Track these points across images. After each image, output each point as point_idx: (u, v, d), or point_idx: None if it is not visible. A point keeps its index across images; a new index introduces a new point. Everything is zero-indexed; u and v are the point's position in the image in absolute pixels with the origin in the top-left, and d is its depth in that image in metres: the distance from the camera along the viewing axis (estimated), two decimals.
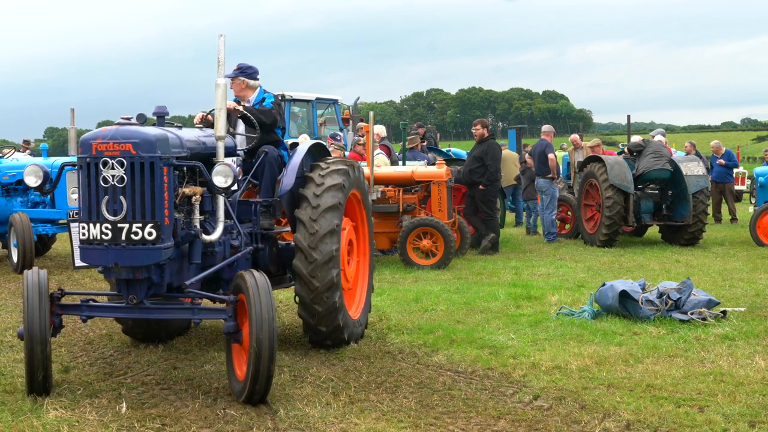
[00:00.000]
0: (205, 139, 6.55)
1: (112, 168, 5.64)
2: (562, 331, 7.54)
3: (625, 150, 16.18)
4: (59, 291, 6.06)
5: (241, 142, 7.38)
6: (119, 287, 5.99)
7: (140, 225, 5.61)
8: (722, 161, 19.99)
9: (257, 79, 7.56)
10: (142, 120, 6.08)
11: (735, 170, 21.84)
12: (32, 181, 6.34)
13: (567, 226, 16.87)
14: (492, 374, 6.18)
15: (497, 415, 5.24)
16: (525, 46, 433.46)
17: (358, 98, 22.74)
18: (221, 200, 6.23)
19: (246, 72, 7.47)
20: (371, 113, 12.81)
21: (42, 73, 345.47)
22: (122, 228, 5.61)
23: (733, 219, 20.20)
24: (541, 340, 7.24)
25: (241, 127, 7.41)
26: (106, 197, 5.64)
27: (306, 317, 6.88)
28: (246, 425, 5.10)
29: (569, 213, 16.75)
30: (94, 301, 6.21)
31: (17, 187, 12.90)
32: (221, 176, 5.88)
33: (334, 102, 18.83)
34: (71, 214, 11.94)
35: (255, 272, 5.67)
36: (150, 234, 5.61)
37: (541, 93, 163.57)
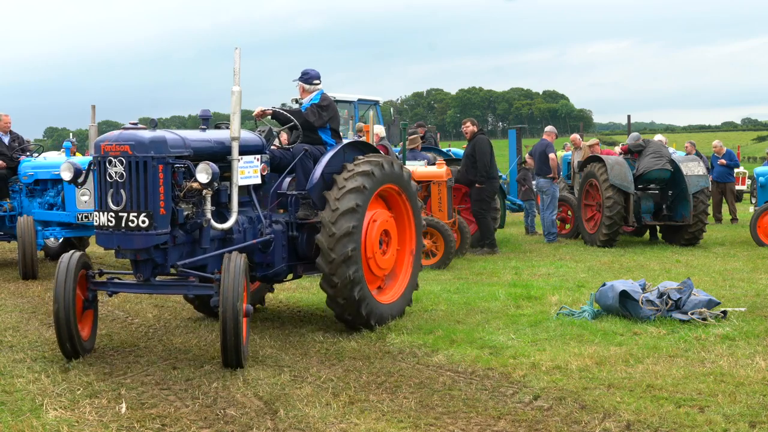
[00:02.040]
0: (223, 139, 7.27)
1: (115, 166, 6.59)
2: (562, 331, 7.53)
3: (622, 149, 16.16)
4: (98, 271, 7.14)
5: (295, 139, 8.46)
6: (132, 267, 6.93)
7: (136, 214, 6.54)
8: (723, 161, 19.99)
9: (314, 84, 8.49)
10: (153, 125, 6.88)
11: (735, 170, 21.86)
12: (67, 175, 7.30)
13: (567, 226, 16.86)
14: (492, 374, 6.17)
15: (497, 415, 5.23)
16: (525, 46, 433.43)
17: (398, 99, 22.91)
18: (234, 193, 7.05)
19: (303, 77, 8.51)
20: (371, 113, 12.83)
21: (42, 74, 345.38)
22: (122, 216, 6.57)
23: (734, 219, 20.20)
24: (541, 340, 7.24)
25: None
26: (111, 190, 6.61)
27: (326, 288, 7.57)
28: (246, 425, 5.10)
29: (569, 213, 16.75)
30: (119, 279, 7.18)
31: (35, 187, 12.32)
32: (203, 173, 6.63)
33: (375, 103, 19.04)
34: (79, 217, 11.59)
35: (236, 255, 6.52)
36: (143, 222, 6.53)
37: (541, 93, 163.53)
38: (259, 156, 7.66)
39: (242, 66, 6.97)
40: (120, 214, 6.57)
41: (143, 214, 6.52)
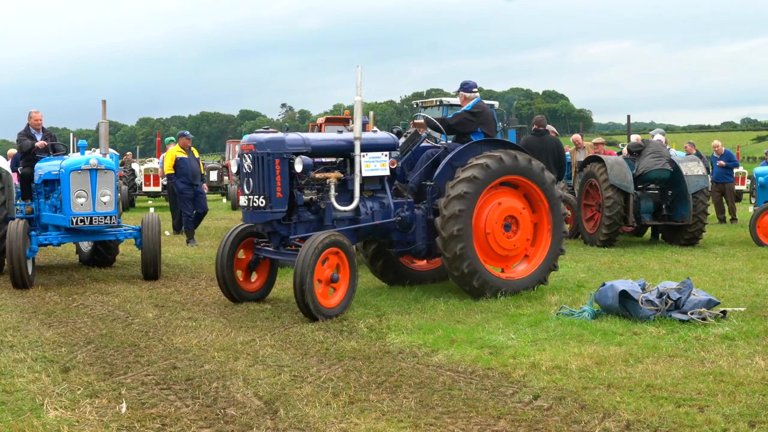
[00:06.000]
0: (351, 138, 9.01)
1: (246, 160, 8.68)
2: (562, 331, 7.53)
3: (624, 150, 16.17)
4: (263, 240, 9.14)
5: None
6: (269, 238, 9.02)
7: (257, 196, 8.60)
8: (722, 162, 20.01)
9: (473, 92, 10.08)
10: (286, 129, 9.12)
11: (735, 170, 21.87)
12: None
13: (567, 226, 16.83)
14: (492, 374, 6.17)
15: (497, 415, 5.23)
16: (525, 47, 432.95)
17: (514, 103, 22.97)
18: (357, 182, 8.92)
19: (463, 87, 10.14)
20: (371, 113, 12.84)
21: (43, 73, 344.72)
22: (251, 198, 8.66)
23: (733, 219, 20.22)
24: (541, 340, 7.24)
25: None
26: (246, 178, 8.69)
27: (444, 262, 9.20)
28: (246, 425, 5.10)
29: (569, 213, 16.74)
30: (268, 247, 9.03)
31: (44, 188, 11.63)
32: (298, 164, 8.59)
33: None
34: (75, 220, 10.80)
35: (318, 234, 8.21)
36: (262, 202, 8.58)
37: (541, 93, 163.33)
38: (387, 152, 9.29)
39: (244, 66, 7.30)
40: (249, 196, 8.65)
41: (262, 197, 8.54)
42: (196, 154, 16.26)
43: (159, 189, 28.07)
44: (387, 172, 9.28)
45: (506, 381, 6.00)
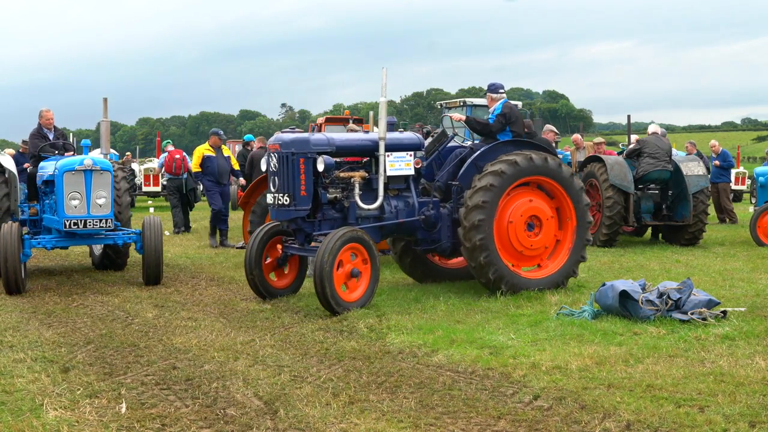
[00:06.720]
0: (376, 138, 9.24)
1: (273, 159, 8.98)
2: (562, 331, 7.53)
3: (625, 153, 16.19)
4: (290, 237, 9.31)
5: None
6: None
7: (282, 194, 8.86)
8: (717, 162, 20.10)
9: (499, 93, 10.26)
10: (314, 129, 9.11)
11: (735, 170, 21.88)
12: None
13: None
14: (492, 374, 6.17)
15: (497, 415, 5.23)
16: (526, 47, 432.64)
17: (533, 108, 23.00)
18: (381, 181, 9.15)
19: (491, 88, 10.35)
20: (371, 113, 12.82)
21: (43, 73, 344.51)
22: (277, 196, 8.93)
23: (733, 219, 20.20)
24: (541, 340, 7.24)
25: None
26: (273, 177, 8.98)
27: (463, 253, 9.39)
28: (246, 425, 5.10)
29: None
30: (293, 244, 9.24)
31: (46, 189, 11.05)
32: (321, 163, 8.83)
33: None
34: (68, 223, 10.22)
35: (336, 231, 8.44)
36: (286, 200, 8.83)
37: (541, 93, 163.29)
38: (412, 152, 9.50)
39: (244, 66, 7.25)
40: (275, 194, 8.91)
41: (286, 195, 8.79)
42: (227, 153, 15.87)
43: (159, 189, 28.07)
44: (411, 172, 9.52)
45: (506, 381, 6.00)
